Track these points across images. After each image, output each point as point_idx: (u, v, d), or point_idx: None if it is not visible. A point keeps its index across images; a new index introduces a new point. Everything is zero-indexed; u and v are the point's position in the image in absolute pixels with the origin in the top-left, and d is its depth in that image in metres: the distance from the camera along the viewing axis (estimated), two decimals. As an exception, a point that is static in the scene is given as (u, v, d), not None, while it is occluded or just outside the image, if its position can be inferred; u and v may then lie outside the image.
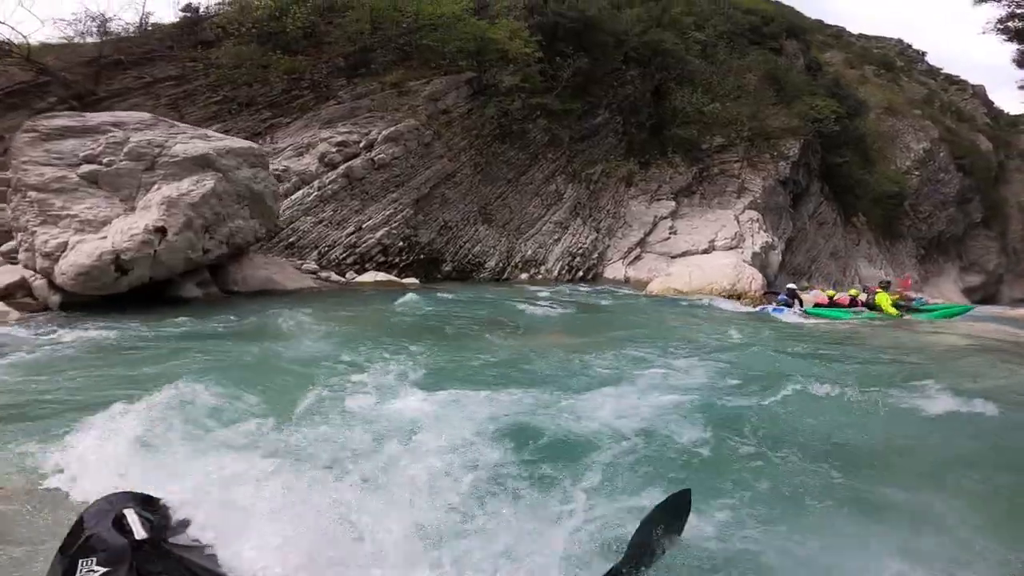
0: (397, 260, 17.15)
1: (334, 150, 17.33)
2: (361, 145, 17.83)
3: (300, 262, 15.00)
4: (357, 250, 16.28)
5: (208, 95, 18.28)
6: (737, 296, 15.90)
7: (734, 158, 29.63)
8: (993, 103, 62.88)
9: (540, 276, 20.85)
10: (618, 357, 6.96)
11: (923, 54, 60.98)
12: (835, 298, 14.90)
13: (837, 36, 56.52)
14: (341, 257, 15.97)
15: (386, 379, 5.23)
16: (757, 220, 25.49)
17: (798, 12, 47.26)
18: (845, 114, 35.38)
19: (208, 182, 9.88)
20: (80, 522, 1.08)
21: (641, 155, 27.34)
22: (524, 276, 20.48)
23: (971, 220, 52.03)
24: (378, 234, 16.78)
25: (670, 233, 23.67)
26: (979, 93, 62.75)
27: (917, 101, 54.47)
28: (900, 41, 61.21)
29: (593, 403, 4.62)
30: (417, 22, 20.42)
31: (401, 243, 17.33)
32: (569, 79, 24.08)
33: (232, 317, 8.29)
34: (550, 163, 23.43)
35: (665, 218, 24.39)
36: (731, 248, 22.36)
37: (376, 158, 17.62)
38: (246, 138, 16.68)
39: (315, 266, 15.06)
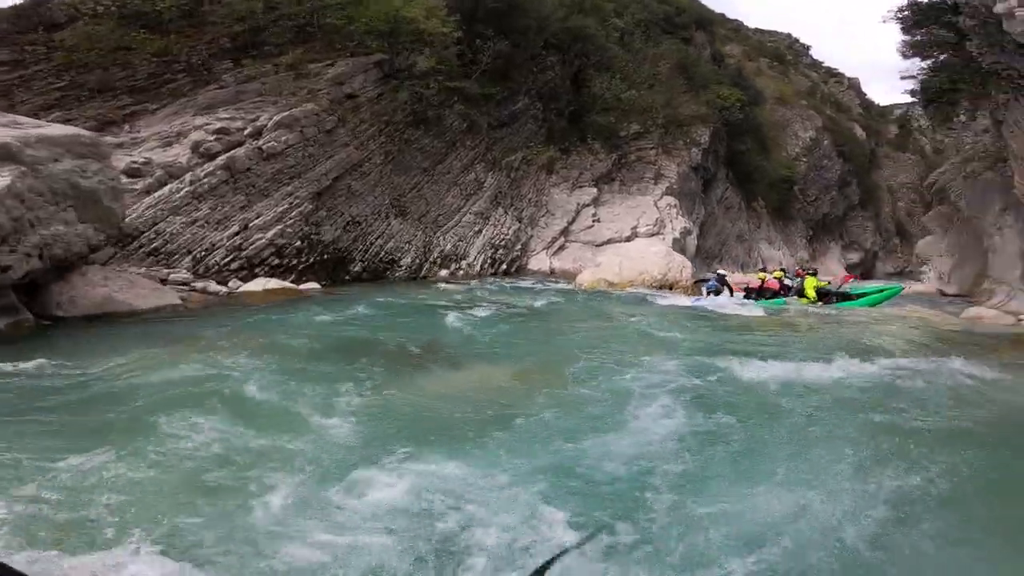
0: (295, 262, 14.33)
1: (211, 139, 14.14)
2: (246, 133, 14.72)
3: (168, 271, 11.92)
4: (243, 253, 13.32)
5: (49, 81, 14.47)
6: (668, 286, 14.56)
7: (650, 145, 28.71)
8: (866, 95, 67.11)
9: (461, 272, 18.67)
10: (576, 385, 5.20)
11: (808, 48, 63.73)
12: (765, 282, 13.92)
13: (736, 30, 57.67)
14: (222, 262, 12.96)
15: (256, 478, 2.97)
16: (675, 206, 24.59)
17: (704, 5, 47.53)
18: (748, 103, 35.64)
19: (2, 179, 6.90)
20: None
21: (561, 142, 25.63)
22: (444, 272, 18.21)
23: (850, 203, 55.19)
24: (269, 233, 13.87)
25: (593, 221, 22.18)
26: (854, 85, 66.68)
27: (803, 92, 56.82)
28: (789, 35, 63.63)
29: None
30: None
31: (299, 243, 14.50)
32: (489, 63, 21.79)
33: (23, 365, 5.53)
34: (468, 151, 21.15)
35: (588, 205, 22.87)
36: (653, 235, 21.20)
37: (265, 147, 14.60)
38: (95, 128, 13.27)
39: (187, 275, 12.04)
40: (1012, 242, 20.02)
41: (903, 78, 25.04)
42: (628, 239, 20.76)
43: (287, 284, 13.10)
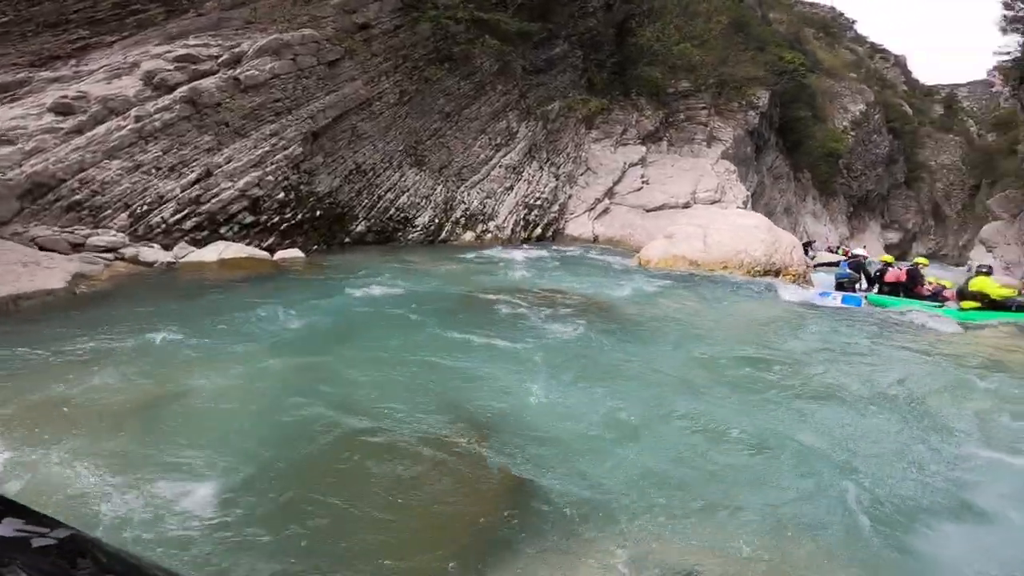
0: (276, 220, 10.14)
1: (170, 67, 9.93)
2: (221, 60, 10.47)
3: (90, 233, 7.95)
4: (203, 208, 9.12)
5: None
6: (775, 272, 9.90)
7: (701, 104, 23.41)
8: (911, 72, 58.93)
9: (490, 234, 14.33)
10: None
11: (853, 22, 55.74)
12: (885, 274, 9.07)
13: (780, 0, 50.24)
14: (172, 220, 8.81)
15: None
16: (733, 172, 19.51)
17: (749, -35, 40.58)
18: (808, 68, 29.75)
19: None
20: None
21: (603, 95, 20.68)
22: (469, 236, 13.90)
23: (895, 180, 48.37)
24: (241, 182, 9.66)
25: (642, 183, 17.38)
26: (900, 63, 58.51)
27: (850, 65, 49.53)
28: (833, 8, 55.63)
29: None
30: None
31: (283, 194, 10.27)
32: (526, -3, 16.95)
33: None
34: (500, 96, 16.48)
35: (635, 165, 18.04)
36: (714, 202, 16.33)
37: (243, 76, 10.31)
38: (32, 64, 9.34)
39: (119, 237, 8.02)
40: None
41: (995, 54, 20.70)
42: (686, 205, 15.98)
43: (255, 251, 8.95)
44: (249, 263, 8.32)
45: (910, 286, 8.71)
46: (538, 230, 15.42)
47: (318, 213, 10.77)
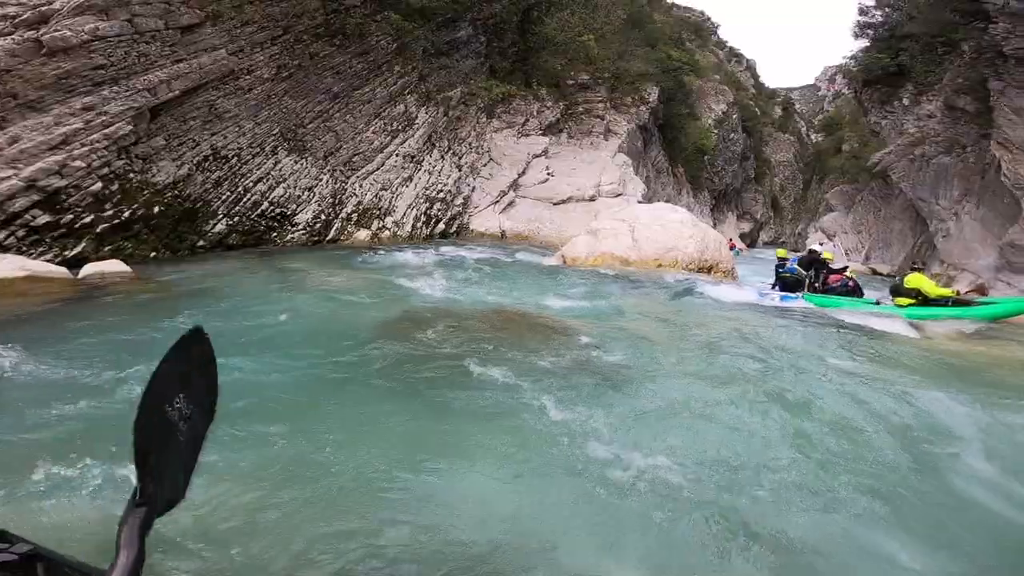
0: (88, 219, 7.16)
1: None
2: (19, 20, 7.11)
3: None
4: None
5: None
6: (707, 268, 9.05)
7: (598, 97, 22.71)
8: (759, 76, 64.70)
9: (387, 232, 12.17)
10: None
11: (717, 27, 59.51)
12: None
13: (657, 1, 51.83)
14: None
15: None
16: (630, 165, 19.06)
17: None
18: (691, 68, 30.55)
19: None
20: None
21: (504, 85, 19.04)
22: (363, 234, 11.61)
23: (747, 176, 52.84)
24: (29, 169, 6.61)
25: (547, 175, 16.14)
26: (751, 67, 63.87)
27: (713, 67, 52.79)
28: (703, 13, 58.87)
29: None
30: None
31: (100, 185, 7.32)
32: (429, -29, 14.56)
33: None
34: (397, 78, 14.08)
35: (539, 156, 16.73)
36: (618, 195, 15.59)
37: (48, 38, 7.09)
38: None
39: None
40: (973, 229, 16.60)
41: (846, 58, 22.31)
42: (591, 198, 15.02)
43: (44, 268, 6.07)
44: (28, 286, 5.52)
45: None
46: (441, 226, 13.52)
47: (156, 210, 7.89)
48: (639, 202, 15.93)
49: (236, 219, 9.21)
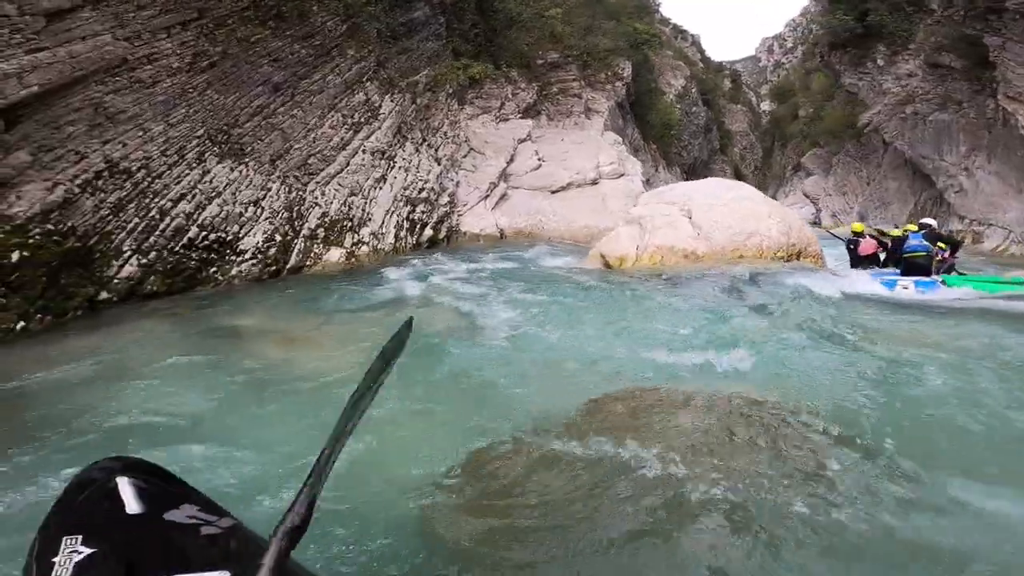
0: None
1: None
2: None
3: None
4: None
5: None
6: (796, 255, 6.87)
7: (571, 76, 20.44)
8: (705, 51, 64.18)
9: (365, 247, 9.55)
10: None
11: (659, 4, 58.21)
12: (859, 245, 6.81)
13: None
14: None
15: None
16: (621, 143, 16.88)
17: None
18: (658, 41, 28.76)
19: None
20: (65, 493, 0.64)
21: (478, 64, 16.57)
22: (336, 254, 8.92)
23: (713, 147, 52.01)
24: None
25: (539, 160, 13.73)
26: (696, 42, 63.16)
27: (664, 43, 51.53)
28: (643, -11, 57.38)
29: None
30: None
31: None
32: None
33: None
34: (352, 63, 11.36)
35: (524, 141, 14.31)
36: (620, 175, 13.33)
37: None
38: None
39: None
40: (990, 183, 15.24)
41: (813, 23, 21.71)
42: (593, 182, 12.72)
43: None
44: None
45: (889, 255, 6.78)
46: (428, 231, 10.93)
47: (16, 257, 5.09)
48: (640, 180, 13.74)
49: (152, 255, 6.43)
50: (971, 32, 14.23)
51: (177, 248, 6.68)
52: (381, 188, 10.37)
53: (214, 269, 7.07)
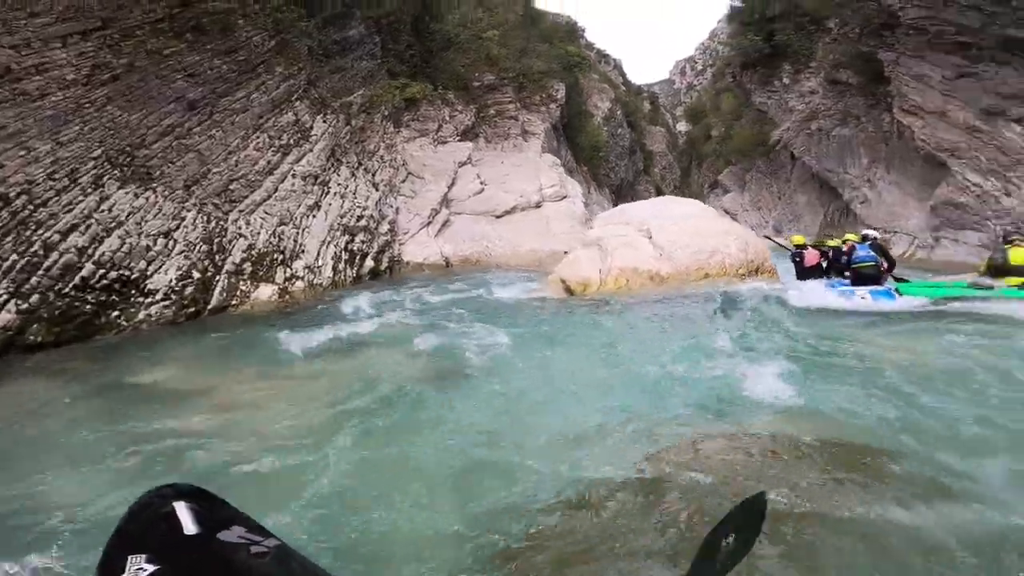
0: None
1: None
2: None
3: None
4: None
5: None
6: (755, 271, 6.98)
7: (507, 98, 20.58)
8: (626, 74, 67.85)
9: (300, 282, 8.68)
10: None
11: (584, 29, 60.95)
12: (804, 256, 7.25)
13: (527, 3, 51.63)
14: None
15: None
16: (560, 165, 17.09)
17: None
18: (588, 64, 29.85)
19: None
20: (128, 517, 0.69)
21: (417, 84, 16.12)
22: (266, 292, 8.01)
23: (637, 168, 54.73)
24: None
25: (481, 184, 13.48)
26: (618, 66, 66.67)
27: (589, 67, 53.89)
28: (570, 17, 59.94)
29: None
30: None
31: None
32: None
33: None
34: (280, 80, 10.50)
35: (464, 164, 14.02)
36: (562, 198, 13.40)
37: None
38: None
39: None
40: (891, 193, 16.95)
41: (723, 45, 23.69)
42: (537, 205, 12.64)
43: None
44: None
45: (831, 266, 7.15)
46: (369, 262, 10.22)
47: None
48: (581, 202, 13.91)
49: (35, 299, 5.32)
50: (866, 49, 15.09)
51: (66, 290, 5.59)
52: (315, 216, 9.56)
53: (116, 313, 6.01)
